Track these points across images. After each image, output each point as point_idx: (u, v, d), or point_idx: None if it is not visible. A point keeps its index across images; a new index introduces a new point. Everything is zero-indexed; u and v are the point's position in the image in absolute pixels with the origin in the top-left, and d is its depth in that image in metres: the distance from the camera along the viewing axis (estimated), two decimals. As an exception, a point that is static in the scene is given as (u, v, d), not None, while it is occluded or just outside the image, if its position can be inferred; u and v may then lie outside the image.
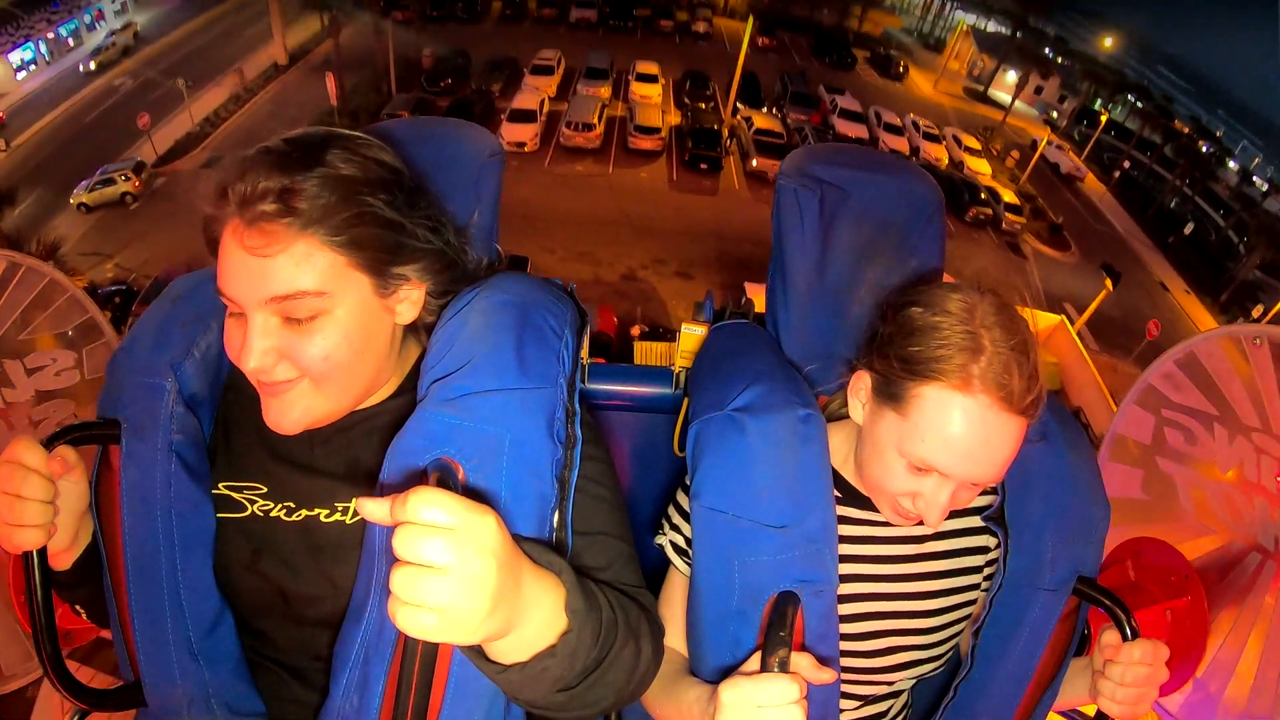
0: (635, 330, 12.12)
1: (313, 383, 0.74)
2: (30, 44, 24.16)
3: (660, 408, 1.18)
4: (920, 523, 0.85)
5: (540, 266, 13.98)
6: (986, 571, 0.98)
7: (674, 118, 22.62)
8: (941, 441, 0.78)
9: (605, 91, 22.80)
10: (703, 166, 19.97)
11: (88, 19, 27.04)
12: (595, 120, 20.64)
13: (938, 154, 23.24)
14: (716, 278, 15.55)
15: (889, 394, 0.83)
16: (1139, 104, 34.33)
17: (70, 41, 25.71)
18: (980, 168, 23.41)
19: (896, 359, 0.82)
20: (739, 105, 23.40)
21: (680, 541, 0.94)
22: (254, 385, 0.75)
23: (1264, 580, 1.28)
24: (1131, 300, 18.77)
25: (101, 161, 16.87)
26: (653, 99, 22.78)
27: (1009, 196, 21.26)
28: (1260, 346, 1.30)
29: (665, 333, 12.25)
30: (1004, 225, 20.13)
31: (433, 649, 0.64)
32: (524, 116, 20.31)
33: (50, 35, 24.99)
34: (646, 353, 10.87)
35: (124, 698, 0.81)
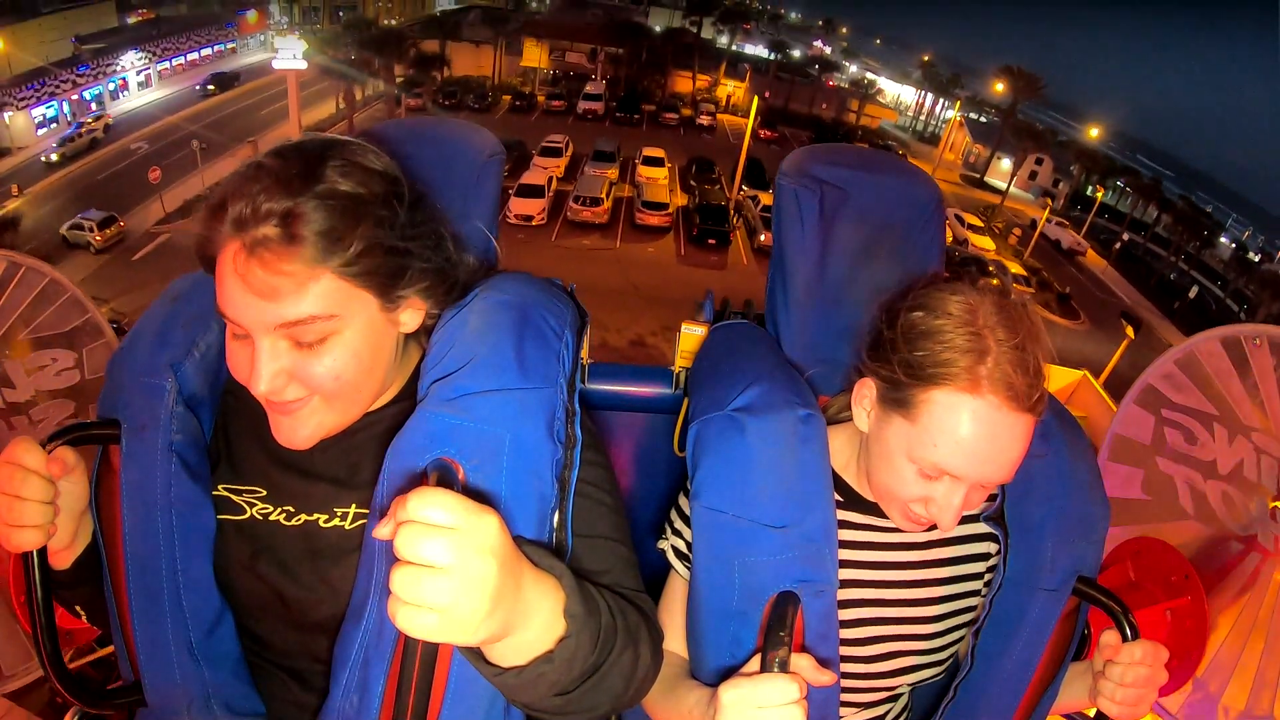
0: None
1: (324, 399, 0.74)
2: (55, 103, 24.84)
3: (660, 408, 1.17)
4: (931, 527, 0.85)
5: None
6: (987, 577, 0.98)
7: (680, 199, 22.90)
8: (953, 445, 0.78)
9: (613, 173, 23.16)
10: (711, 241, 20.19)
11: (112, 86, 28.01)
12: (603, 195, 20.91)
13: None
14: None
15: (896, 400, 0.82)
16: (1127, 189, 35.61)
17: (93, 105, 26.58)
18: (984, 244, 23.88)
19: (901, 365, 0.81)
20: (744, 186, 23.74)
21: (681, 546, 0.94)
22: (262, 403, 0.75)
23: (1264, 580, 1.28)
24: (1145, 361, 18.78)
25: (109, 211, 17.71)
26: (659, 180, 23.12)
27: (1015, 268, 21.75)
28: (1260, 346, 1.30)
29: None
30: (1012, 296, 20.49)
31: (433, 649, 0.64)
32: (531, 191, 20.54)
33: (74, 97, 25.74)
34: None
35: (124, 698, 0.81)
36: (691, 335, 1.11)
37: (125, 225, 17.30)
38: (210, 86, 29.42)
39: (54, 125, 24.38)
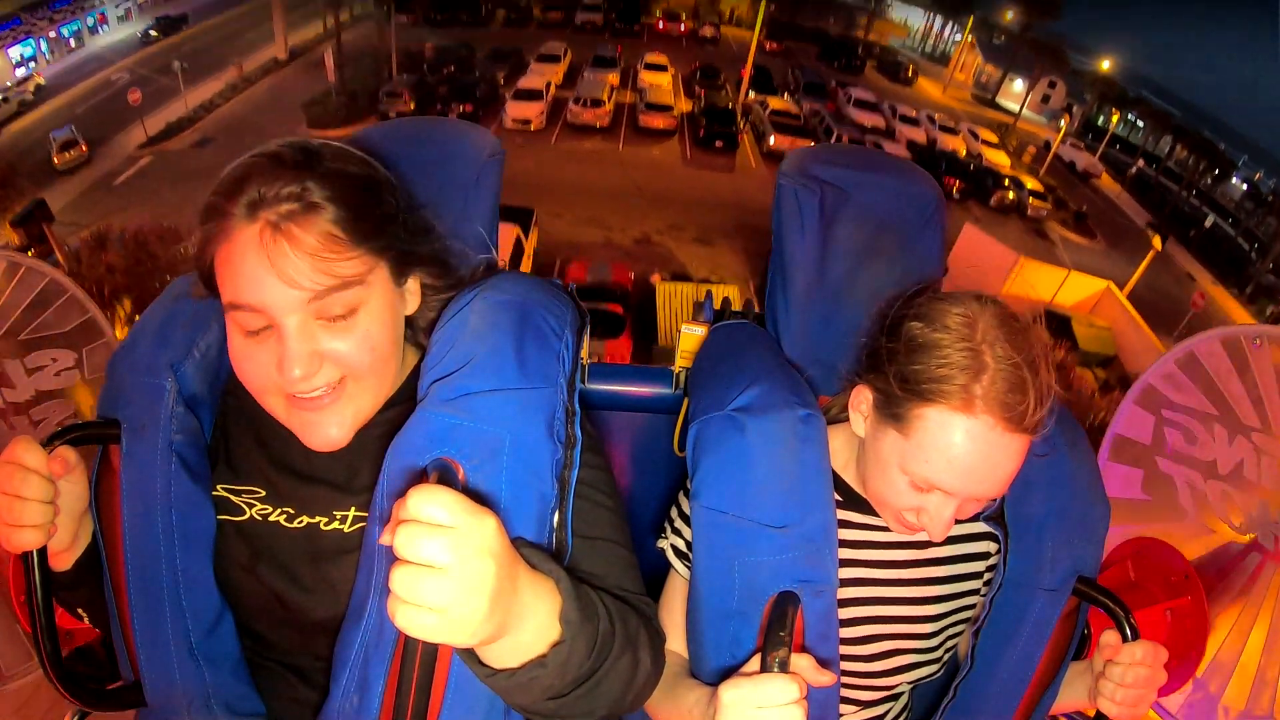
0: (656, 277, 11.48)
1: (355, 381, 0.74)
2: (31, 41, 24.21)
3: (660, 408, 1.17)
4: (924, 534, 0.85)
5: (545, 230, 13.46)
6: (987, 576, 0.98)
7: (685, 105, 21.93)
8: (945, 463, 0.78)
9: (614, 78, 22.21)
10: (718, 144, 19.21)
11: (90, 21, 27.21)
12: (604, 97, 19.89)
13: (955, 145, 22.91)
14: (739, 244, 14.78)
15: (890, 413, 0.82)
16: (1138, 121, 34.87)
17: (72, 42, 25.84)
18: (999, 159, 23.18)
19: (896, 378, 0.80)
20: (751, 91, 22.93)
21: (681, 546, 0.94)
22: (284, 408, 0.74)
23: (1264, 580, 1.29)
24: (1162, 285, 18.42)
25: (90, 139, 17.20)
26: (663, 84, 22.20)
27: (1031, 184, 21.04)
28: (1260, 346, 1.30)
29: (690, 280, 11.51)
30: (1029, 211, 19.97)
31: (432, 649, 0.64)
32: (529, 95, 19.58)
33: (52, 34, 25.08)
34: (670, 295, 10.23)
35: (124, 698, 0.81)
36: (691, 335, 1.11)
37: (86, 150, 16.69)
38: (152, 33, 26.55)
39: (33, 64, 23.73)
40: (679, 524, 0.95)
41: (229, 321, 0.72)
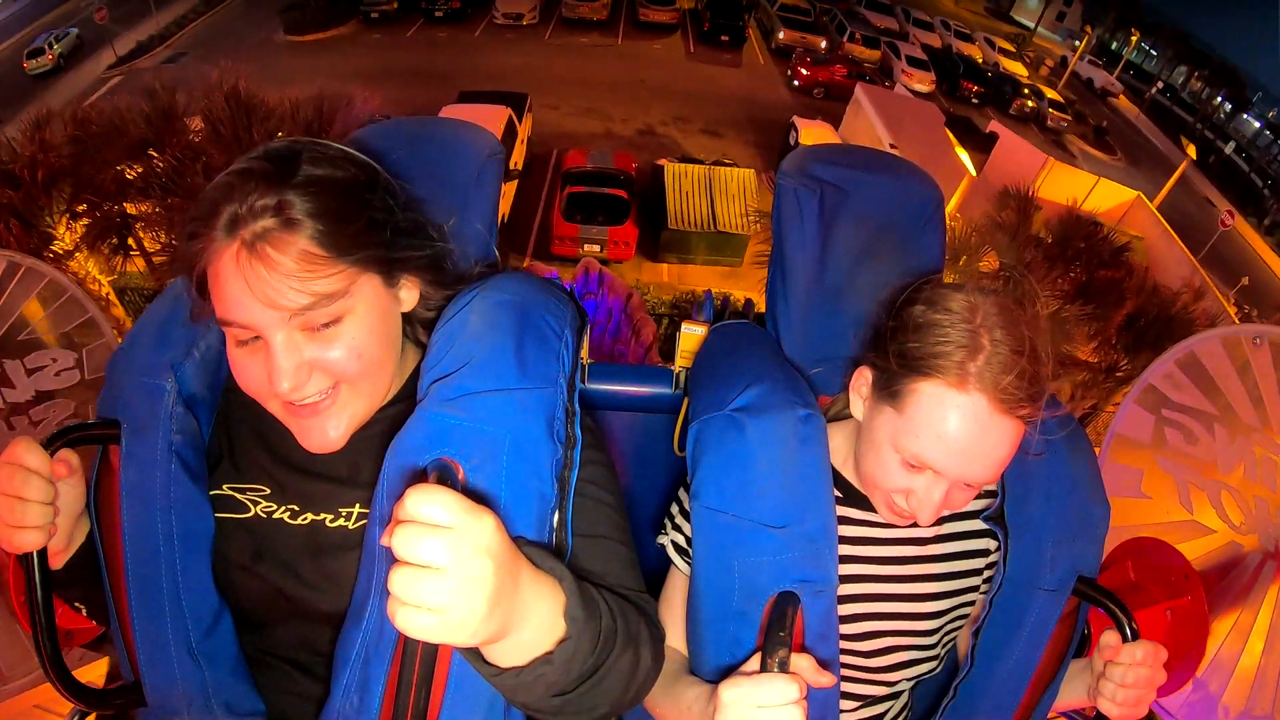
0: (663, 161, 10.95)
1: (349, 386, 0.74)
2: None
3: (660, 408, 1.17)
4: (915, 522, 0.85)
5: (541, 121, 12.81)
6: (986, 574, 0.98)
7: (686, 3, 20.42)
8: (934, 438, 0.78)
9: None
10: (724, 38, 18.08)
11: None
12: None
13: (971, 52, 22.00)
14: (749, 136, 14.13)
15: (887, 390, 0.83)
16: (1152, 51, 33.77)
17: None
18: (1016, 69, 22.33)
19: (895, 355, 0.82)
20: None
21: (681, 541, 0.94)
22: (283, 412, 0.74)
23: (1264, 580, 1.29)
24: (1183, 206, 17.82)
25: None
26: None
27: (1051, 94, 20.29)
28: (1260, 346, 1.30)
29: (700, 162, 10.83)
30: (1049, 122, 19.40)
31: (432, 649, 0.64)
32: None
33: None
34: (680, 176, 9.88)
35: (124, 698, 0.81)
36: (691, 335, 1.11)
37: (54, 58, 15.66)
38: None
39: None
40: (679, 520, 0.95)
41: (224, 330, 0.73)
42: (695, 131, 14.11)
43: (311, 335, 0.71)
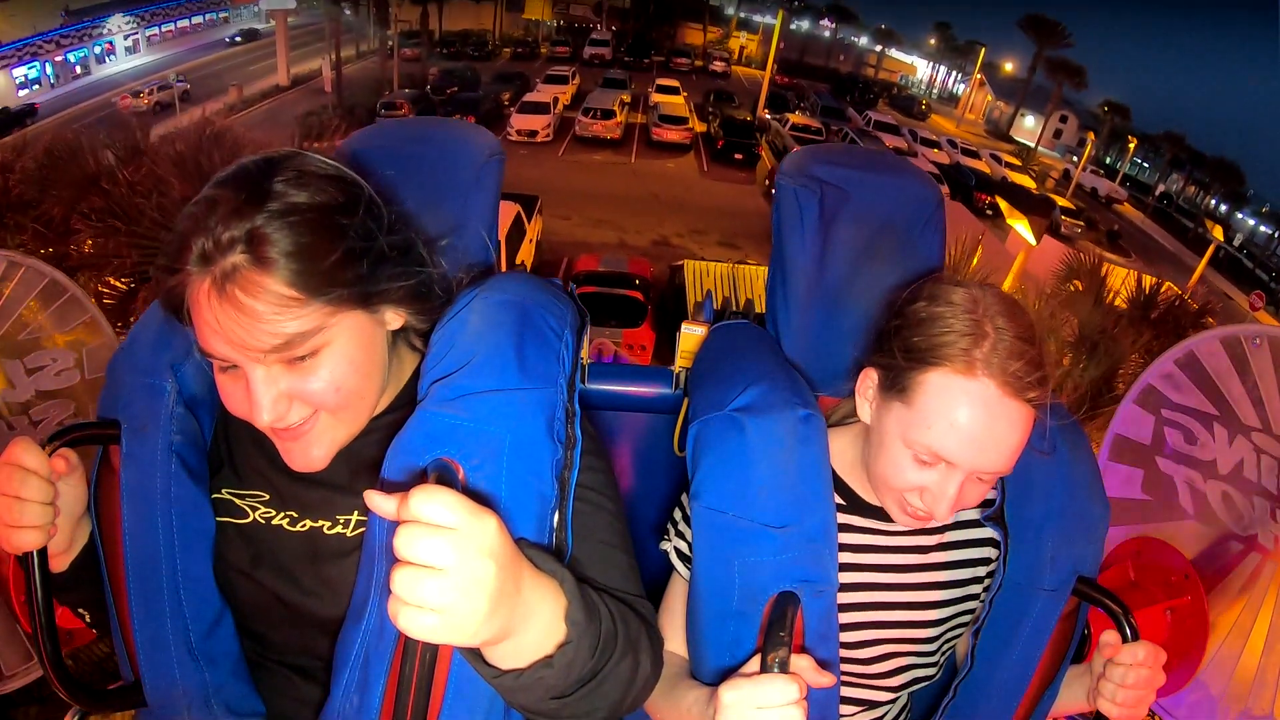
0: (683, 261, 9.99)
1: (329, 415, 0.73)
2: (37, 63, 24.33)
3: (660, 408, 1.17)
4: (929, 520, 0.85)
5: (552, 230, 12.51)
6: (987, 582, 0.98)
7: (699, 126, 21.10)
8: (947, 426, 0.78)
9: (625, 96, 21.39)
10: (737, 156, 18.33)
11: (98, 50, 27.36)
12: (615, 109, 18.92)
13: (979, 168, 22.56)
14: (768, 249, 13.75)
15: (894, 386, 0.83)
16: (1144, 163, 35.09)
17: (78, 69, 25.90)
18: (1024, 182, 22.97)
19: (900, 350, 0.82)
20: (768, 110, 22.49)
21: (684, 548, 0.94)
22: (268, 432, 0.73)
23: (1264, 580, 1.29)
24: (1204, 299, 18.09)
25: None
26: (677, 101, 21.45)
27: (1063, 202, 20.86)
28: (1260, 346, 1.30)
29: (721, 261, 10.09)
30: (1063, 229, 19.72)
31: (433, 649, 0.64)
32: (536, 108, 18.68)
33: (58, 59, 25.21)
34: (701, 274, 9.04)
35: (124, 698, 0.81)
36: (691, 335, 1.11)
37: None
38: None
39: (37, 87, 23.95)
40: (682, 526, 0.95)
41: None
42: (712, 243, 13.85)
43: (289, 367, 0.70)
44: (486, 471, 0.69)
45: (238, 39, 29.25)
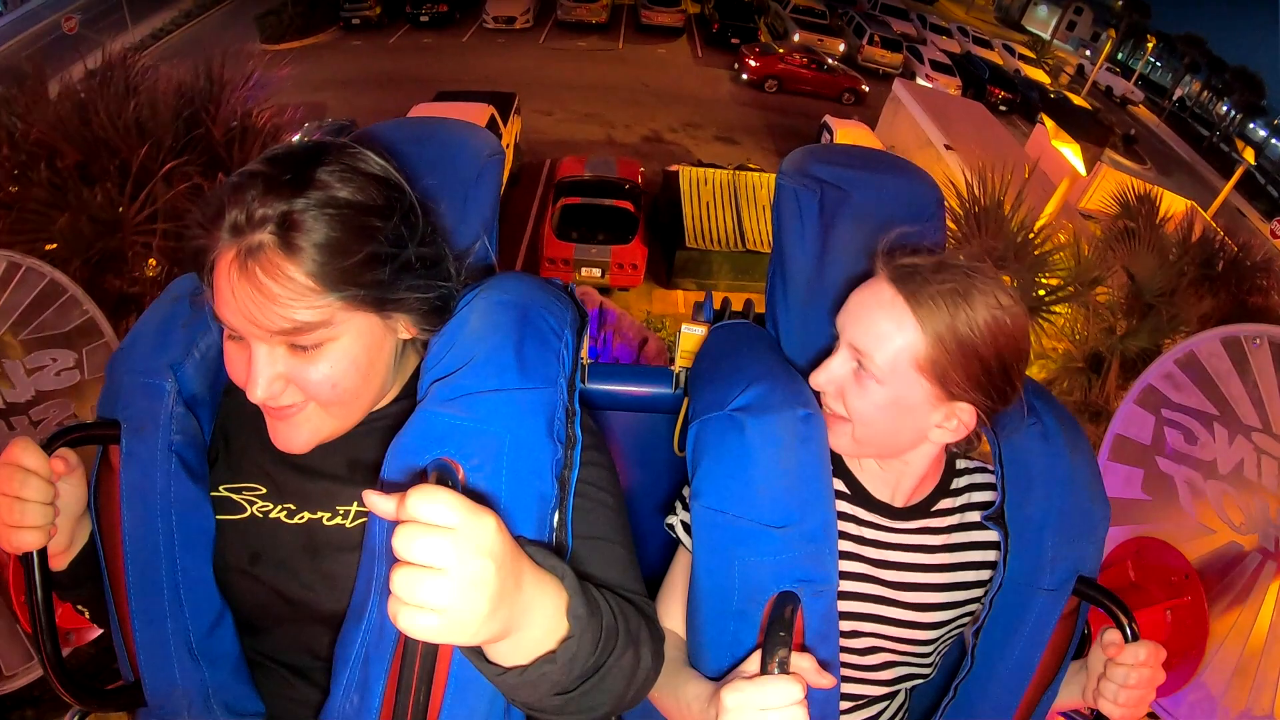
0: (677, 167, 9.27)
1: (319, 407, 0.74)
2: None
3: (660, 408, 1.17)
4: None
5: (534, 128, 11.56)
6: (987, 583, 0.98)
7: (692, 7, 19.24)
8: (846, 309, 0.88)
9: None
10: (734, 40, 16.84)
11: None
12: None
13: (991, 58, 21.14)
14: (769, 143, 12.72)
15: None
16: (1157, 63, 33.67)
17: None
18: (1038, 76, 21.69)
19: None
20: None
21: (689, 520, 0.94)
22: (260, 406, 0.74)
23: (1264, 580, 1.29)
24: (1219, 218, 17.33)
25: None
26: None
27: (1078, 102, 19.78)
28: (1260, 346, 1.30)
29: (721, 167, 9.08)
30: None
31: (433, 649, 0.64)
32: None
33: None
34: (699, 183, 8.25)
35: (124, 698, 0.81)
36: (691, 335, 1.11)
37: None
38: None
39: None
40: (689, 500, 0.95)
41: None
42: (709, 138, 12.80)
43: (293, 351, 0.71)
44: (486, 471, 0.70)
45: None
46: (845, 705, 0.96)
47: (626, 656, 0.71)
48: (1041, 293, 4.37)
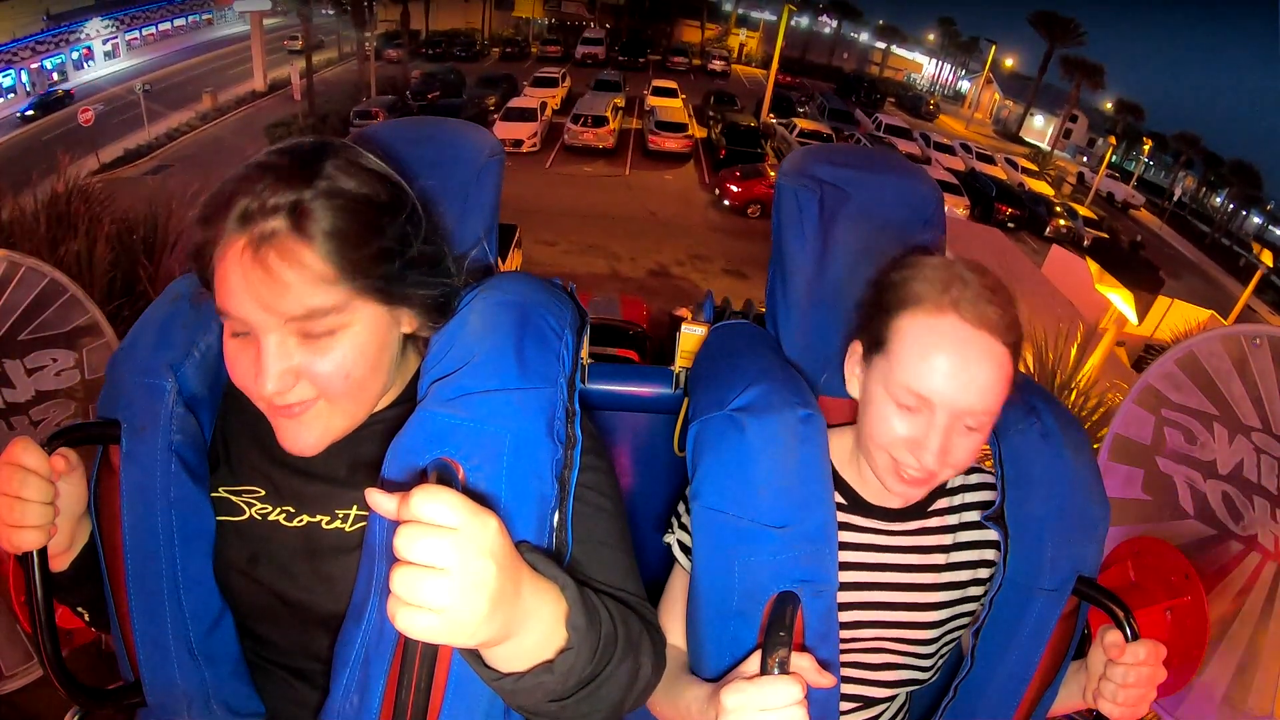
0: (683, 310, 9.08)
1: (329, 401, 0.73)
2: (12, 70, 23.55)
3: (660, 408, 1.17)
4: (925, 480, 0.84)
5: (535, 259, 11.58)
6: (987, 583, 0.98)
7: (699, 132, 19.54)
8: (920, 360, 0.79)
9: (618, 100, 19.71)
10: (737, 173, 16.45)
11: (75, 55, 26.48)
12: (608, 114, 17.39)
13: (995, 174, 21.35)
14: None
15: (874, 344, 0.85)
16: (1149, 163, 34.27)
17: (55, 75, 24.98)
18: (1042, 189, 21.96)
19: (878, 311, 0.85)
20: (772, 114, 21.17)
21: (687, 541, 0.94)
22: (266, 408, 0.73)
23: (1264, 580, 1.28)
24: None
25: (47, 167, 16.22)
26: (674, 105, 19.75)
27: (1084, 212, 19.97)
28: (1260, 346, 1.30)
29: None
30: (1086, 241, 18.66)
31: (433, 650, 0.64)
32: (521, 115, 17.23)
33: (34, 66, 24.40)
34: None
35: (124, 698, 0.81)
36: (691, 335, 1.11)
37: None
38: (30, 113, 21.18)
39: (12, 95, 22.90)
40: (685, 519, 0.95)
41: (222, 319, 0.72)
42: (717, 271, 12.54)
43: (304, 341, 0.70)
44: (486, 471, 0.69)
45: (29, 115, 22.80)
46: (846, 706, 0.96)
47: (625, 665, 0.71)
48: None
